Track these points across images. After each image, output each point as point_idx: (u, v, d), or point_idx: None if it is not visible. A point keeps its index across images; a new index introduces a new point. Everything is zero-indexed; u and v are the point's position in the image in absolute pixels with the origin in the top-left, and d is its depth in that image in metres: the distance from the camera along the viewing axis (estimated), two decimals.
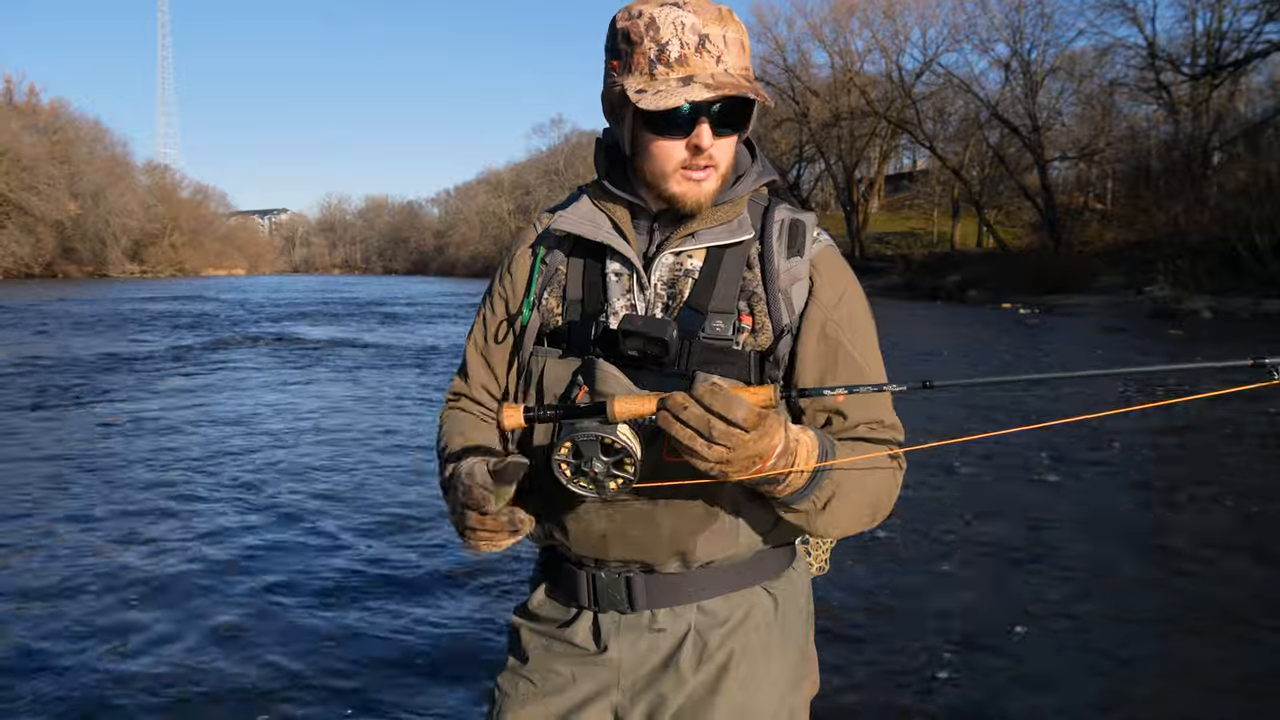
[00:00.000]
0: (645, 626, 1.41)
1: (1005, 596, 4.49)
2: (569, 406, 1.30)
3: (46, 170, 66.06)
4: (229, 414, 9.91)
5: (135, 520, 5.75)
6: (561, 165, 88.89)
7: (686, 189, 1.36)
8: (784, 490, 1.27)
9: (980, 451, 7.45)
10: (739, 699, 1.40)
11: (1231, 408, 9.25)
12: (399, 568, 4.93)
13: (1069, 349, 16.94)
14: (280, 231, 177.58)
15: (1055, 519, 5.78)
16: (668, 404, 1.15)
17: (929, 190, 52.59)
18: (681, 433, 1.14)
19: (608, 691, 1.43)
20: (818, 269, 1.41)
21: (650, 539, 1.36)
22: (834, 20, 49.77)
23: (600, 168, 1.47)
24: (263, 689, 3.54)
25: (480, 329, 1.56)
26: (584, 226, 1.42)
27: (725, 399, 1.12)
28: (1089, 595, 4.50)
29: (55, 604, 4.34)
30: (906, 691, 3.50)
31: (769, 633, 1.44)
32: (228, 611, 4.30)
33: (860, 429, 1.39)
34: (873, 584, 4.61)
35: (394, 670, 3.71)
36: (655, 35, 1.28)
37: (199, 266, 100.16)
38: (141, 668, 3.70)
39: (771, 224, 1.42)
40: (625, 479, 1.22)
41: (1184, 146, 34.46)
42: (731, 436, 1.13)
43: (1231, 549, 5.18)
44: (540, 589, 1.53)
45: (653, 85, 1.29)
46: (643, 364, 1.34)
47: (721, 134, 1.33)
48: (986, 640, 3.95)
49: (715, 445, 1.13)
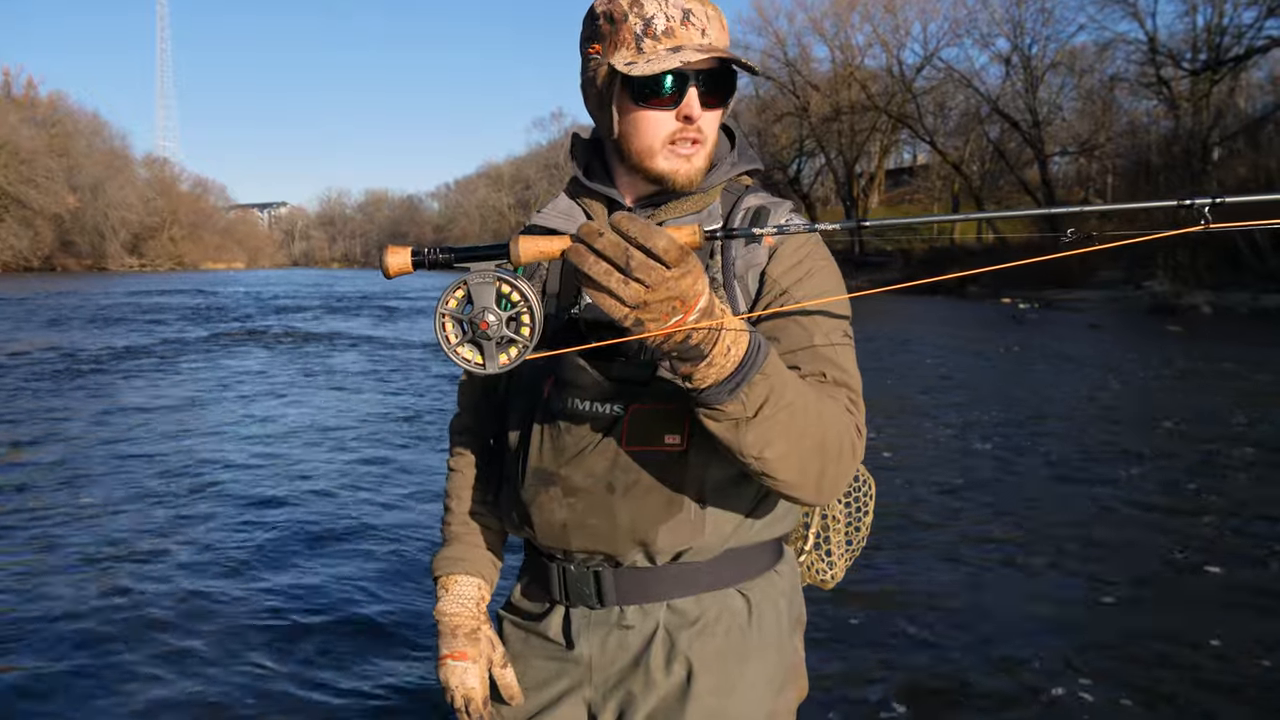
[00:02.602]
0: (614, 623, 1.40)
1: (1005, 596, 4.49)
2: (463, 249, 1.12)
3: (45, 163, 66.04)
4: (227, 411, 9.92)
5: (132, 514, 5.75)
6: (561, 159, 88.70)
7: (676, 165, 1.35)
8: (706, 375, 1.08)
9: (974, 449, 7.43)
10: (712, 704, 1.37)
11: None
12: (395, 560, 4.93)
13: (1067, 345, 16.93)
14: (280, 225, 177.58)
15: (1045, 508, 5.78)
16: (580, 231, 1.02)
17: (929, 185, 52.59)
18: (595, 267, 1.01)
19: (580, 688, 1.43)
20: (777, 248, 1.37)
21: (609, 529, 1.34)
22: (835, 14, 49.74)
23: (579, 164, 1.47)
24: (262, 686, 3.54)
25: None
26: (560, 221, 1.43)
27: (643, 227, 1.00)
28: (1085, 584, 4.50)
29: (58, 581, 4.34)
30: (899, 689, 3.50)
31: (743, 636, 1.41)
32: (212, 602, 4.30)
33: (808, 379, 1.29)
34: (868, 581, 4.61)
35: (380, 654, 3.72)
36: (640, 11, 1.29)
37: (198, 260, 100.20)
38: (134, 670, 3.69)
39: (737, 212, 1.41)
40: (521, 344, 1.07)
41: (1184, 142, 34.41)
42: (650, 270, 0.99)
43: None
44: (521, 581, 1.55)
45: (642, 57, 1.29)
46: (611, 354, 1.32)
47: (709, 106, 1.34)
48: (979, 634, 3.95)
49: (632, 281, 1.00)
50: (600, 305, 1.02)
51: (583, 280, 1.02)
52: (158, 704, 3.38)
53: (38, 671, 3.61)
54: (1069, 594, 4.47)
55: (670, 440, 1.31)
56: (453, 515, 1.59)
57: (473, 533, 1.56)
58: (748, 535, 1.40)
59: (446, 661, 1.46)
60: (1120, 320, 22.95)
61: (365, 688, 3.54)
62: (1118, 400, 10.42)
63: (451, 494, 1.61)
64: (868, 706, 3.36)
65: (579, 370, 1.34)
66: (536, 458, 1.38)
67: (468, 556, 1.54)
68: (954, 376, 12.35)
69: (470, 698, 1.45)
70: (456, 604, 1.50)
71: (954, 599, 4.37)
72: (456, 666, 1.45)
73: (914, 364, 13.40)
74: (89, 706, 3.36)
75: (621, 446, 1.31)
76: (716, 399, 1.11)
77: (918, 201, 55.13)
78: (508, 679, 1.47)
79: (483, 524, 1.57)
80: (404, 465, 7.16)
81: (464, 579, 1.52)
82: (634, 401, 1.32)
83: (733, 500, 1.36)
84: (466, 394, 1.64)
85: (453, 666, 1.45)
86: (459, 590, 1.51)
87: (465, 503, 1.59)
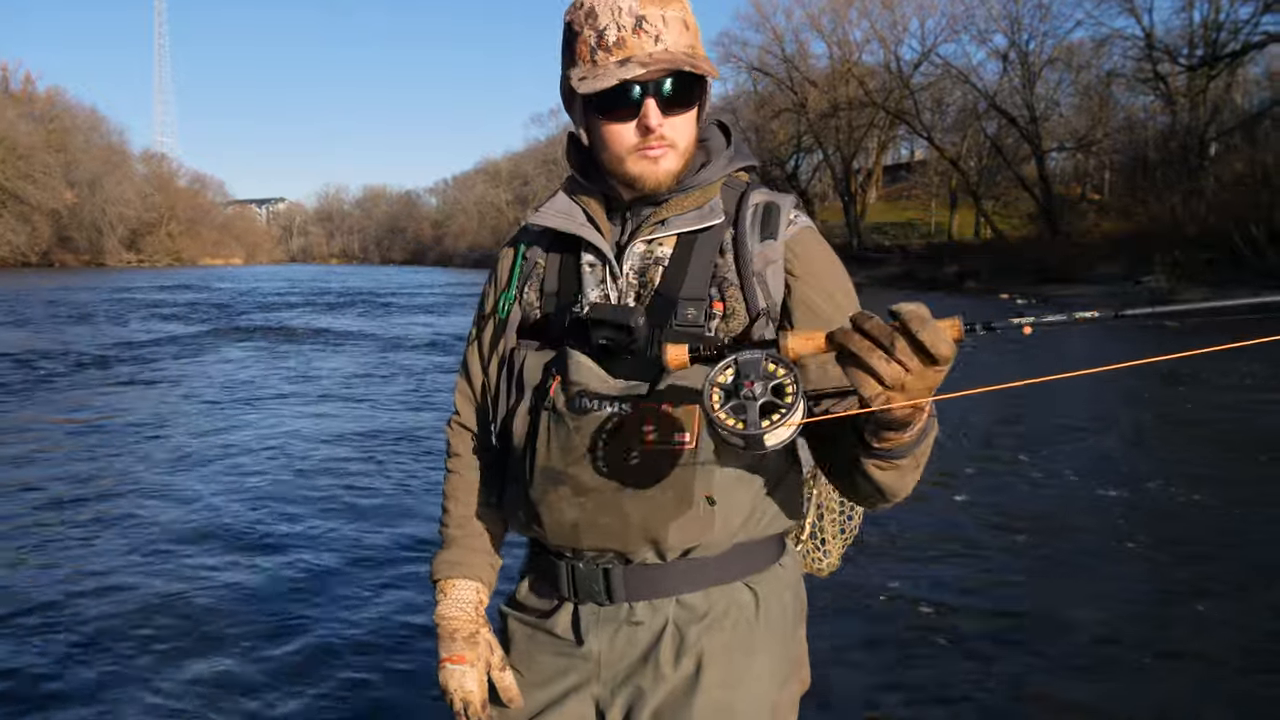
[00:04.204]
0: (623, 619, 1.40)
1: (1003, 597, 4.54)
2: (734, 344, 1.20)
3: (43, 159, 65.82)
4: (224, 408, 9.94)
5: (128, 510, 5.78)
6: (559, 155, 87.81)
7: (644, 168, 1.35)
8: (901, 439, 1.15)
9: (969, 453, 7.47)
10: (719, 697, 1.37)
11: None
12: (392, 556, 4.97)
13: (1063, 339, 16.96)
14: (278, 221, 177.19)
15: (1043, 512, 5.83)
16: (853, 315, 1.07)
17: (927, 181, 52.56)
18: (860, 344, 1.05)
19: (588, 684, 1.43)
20: (794, 251, 1.39)
21: (620, 527, 1.34)
22: (832, 10, 49.70)
23: (573, 161, 1.48)
24: (257, 682, 3.58)
25: (476, 328, 1.58)
26: (558, 219, 1.43)
27: (921, 318, 1.03)
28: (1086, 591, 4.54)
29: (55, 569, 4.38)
30: (896, 689, 3.54)
31: (750, 629, 1.41)
32: (210, 601, 4.34)
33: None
34: (863, 579, 4.66)
35: (381, 650, 3.76)
36: (594, 23, 1.30)
37: (196, 255, 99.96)
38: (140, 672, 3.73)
39: (746, 208, 1.41)
40: (783, 411, 1.09)
41: (1181, 137, 34.45)
42: (912, 358, 1.03)
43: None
44: (526, 579, 1.54)
45: (593, 71, 1.30)
46: (615, 352, 1.33)
47: (672, 112, 1.33)
48: (977, 632, 4.00)
49: (893, 362, 1.04)
50: (854, 381, 1.07)
51: (847, 360, 1.07)
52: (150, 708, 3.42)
53: (34, 674, 3.63)
54: (1070, 589, 4.52)
55: (680, 439, 1.31)
56: (450, 517, 1.59)
57: (471, 535, 1.57)
58: (755, 530, 1.40)
59: (445, 665, 1.48)
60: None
61: (365, 689, 3.57)
62: (1116, 397, 10.47)
63: (450, 495, 1.61)
64: (866, 702, 3.41)
65: (588, 370, 1.35)
66: (544, 457, 1.37)
67: (466, 560, 1.55)
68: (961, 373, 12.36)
69: (469, 701, 1.46)
70: (455, 608, 1.51)
71: (965, 596, 4.42)
72: (455, 670, 1.47)
73: None
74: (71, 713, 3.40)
75: (631, 446, 1.32)
76: (899, 455, 1.18)
77: (915, 198, 55.12)
78: (506, 682, 1.48)
79: (481, 526, 1.58)
80: (404, 464, 7.20)
81: (462, 583, 1.53)
82: (643, 401, 1.32)
83: (741, 496, 1.37)
84: (465, 396, 1.63)
85: (451, 670, 1.47)
86: (457, 594, 1.52)
87: (463, 505, 1.59)
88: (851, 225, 49.80)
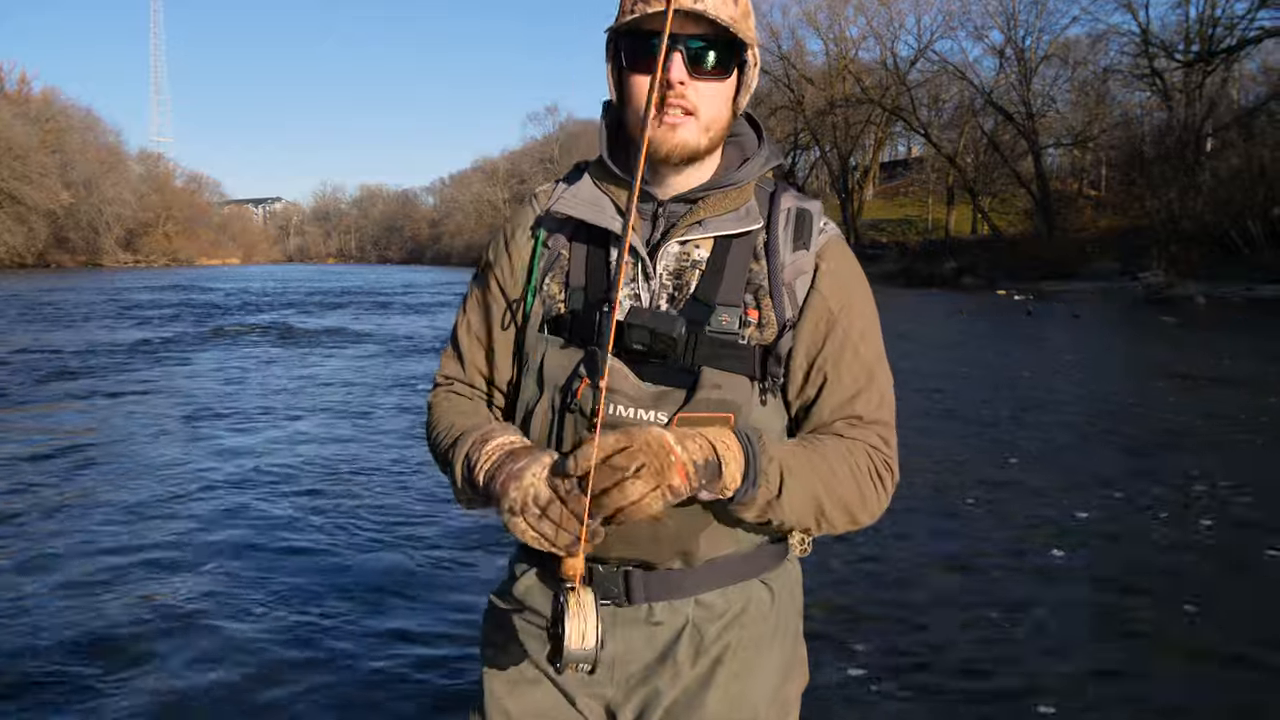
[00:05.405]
0: (642, 620, 1.37)
1: (1003, 596, 4.56)
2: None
3: (39, 159, 65.65)
4: (222, 406, 9.93)
5: (126, 509, 5.79)
6: (556, 153, 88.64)
7: (659, 133, 1.29)
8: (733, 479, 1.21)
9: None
10: (733, 689, 1.37)
11: None
12: (391, 553, 4.98)
13: (1061, 337, 17.00)
14: (274, 220, 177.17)
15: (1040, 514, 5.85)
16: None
17: (923, 177, 52.67)
18: (623, 494, 1.14)
19: (600, 684, 1.39)
20: (823, 259, 1.37)
21: (651, 538, 1.31)
22: (828, 7, 49.76)
23: (602, 143, 1.41)
24: (257, 680, 3.59)
25: (476, 311, 1.50)
26: (587, 210, 1.36)
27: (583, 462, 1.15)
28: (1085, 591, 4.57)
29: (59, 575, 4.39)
30: (891, 689, 3.56)
31: (764, 625, 1.41)
32: (205, 601, 4.36)
33: (838, 424, 1.35)
34: (855, 577, 4.68)
35: (382, 643, 3.78)
36: None
37: (193, 255, 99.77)
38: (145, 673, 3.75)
39: (778, 213, 1.37)
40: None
41: (1177, 133, 34.48)
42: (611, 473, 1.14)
43: None
44: (530, 573, 1.45)
45: (624, 17, 1.29)
46: (647, 357, 1.28)
47: (700, 75, 1.28)
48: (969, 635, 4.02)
49: (634, 480, 1.13)
50: (641, 513, 1.15)
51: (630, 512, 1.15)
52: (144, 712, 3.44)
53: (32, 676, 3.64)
54: (1068, 583, 4.55)
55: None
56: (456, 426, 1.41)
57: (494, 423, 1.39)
58: (771, 528, 1.37)
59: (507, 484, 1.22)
60: (1116, 313, 23.00)
61: (363, 693, 3.60)
62: (1116, 389, 10.49)
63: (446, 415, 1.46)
64: (865, 695, 3.43)
65: (622, 377, 1.29)
66: None
67: (496, 427, 1.34)
68: (968, 369, 12.41)
69: (535, 491, 1.20)
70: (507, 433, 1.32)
71: (955, 581, 4.45)
72: (520, 468, 1.23)
73: (916, 363, 13.47)
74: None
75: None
76: (749, 494, 1.22)
77: (912, 194, 55.18)
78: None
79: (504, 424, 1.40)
80: (404, 465, 7.22)
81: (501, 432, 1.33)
82: (679, 410, 1.28)
83: None
84: (456, 360, 1.52)
85: (514, 470, 1.23)
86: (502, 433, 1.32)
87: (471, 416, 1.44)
88: (848, 222, 49.85)
